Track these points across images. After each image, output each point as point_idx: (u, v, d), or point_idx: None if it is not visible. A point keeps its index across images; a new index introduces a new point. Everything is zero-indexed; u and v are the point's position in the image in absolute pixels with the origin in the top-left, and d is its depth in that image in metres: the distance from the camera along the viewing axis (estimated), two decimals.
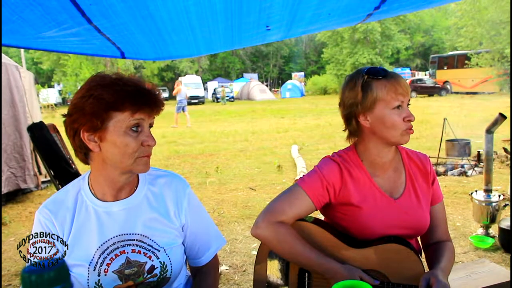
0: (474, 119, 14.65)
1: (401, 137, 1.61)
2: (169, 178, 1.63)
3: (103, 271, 1.46)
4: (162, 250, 1.51)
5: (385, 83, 1.59)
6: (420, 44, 55.23)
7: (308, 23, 2.99)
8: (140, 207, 1.53)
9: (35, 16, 2.24)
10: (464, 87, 33.14)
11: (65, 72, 37.23)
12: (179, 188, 1.62)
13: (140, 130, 1.41)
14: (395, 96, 1.58)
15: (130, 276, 1.48)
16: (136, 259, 1.48)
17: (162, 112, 1.47)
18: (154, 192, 1.57)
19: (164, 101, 1.46)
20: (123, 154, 1.39)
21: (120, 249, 1.48)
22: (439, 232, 1.81)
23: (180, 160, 10.04)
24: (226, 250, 4.39)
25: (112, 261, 1.47)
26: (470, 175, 7.31)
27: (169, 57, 3.88)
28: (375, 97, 1.59)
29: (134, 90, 1.38)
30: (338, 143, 10.72)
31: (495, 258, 3.92)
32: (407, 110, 1.61)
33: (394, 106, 1.58)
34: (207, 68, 56.45)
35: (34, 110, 7.26)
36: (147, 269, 1.49)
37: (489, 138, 4.53)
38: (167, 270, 1.52)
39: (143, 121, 1.41)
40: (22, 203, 6.63)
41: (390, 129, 1.60)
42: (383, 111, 1.59)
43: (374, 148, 1.68)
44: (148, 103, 1.40)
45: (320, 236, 1.67)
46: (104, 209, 1.49)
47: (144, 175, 1.59)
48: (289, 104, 30.54)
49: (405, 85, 1.60)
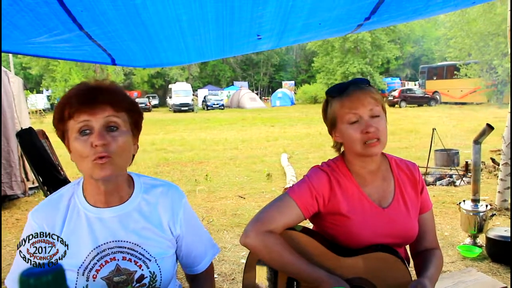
0: (462, 130, 14.80)
1: (364, 150, 1.61)
2: (165, 188, 1.60)
3: (91, 277, 1.44)
4: (153, 260, 1.49)
5: (338, 100, 1.64)
6: (410, 54, 55.69)
7: (299, 32, 3.01)
8: (133, 215, 1.50)
9: (25, 22, 2.23)
10: (453, 98, 33.46)
11: (54, 78, 37.01)
12: (175, 199, 1.60)
13: (90, 132, 1.35)
14: (348, 111, 1.61)
15: (118, 284, 1.46)
16: (126, 267, 1.46)
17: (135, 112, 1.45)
18: (148, 201, 1.54)
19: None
20: (79, 160, 1.37)
21: (111, 256, 1.46)
22: (428, 240, 1.82)
23: (169, 167, 10.01)
24: (215, 259, 4.35)
25: (101, 267, 1.45)
26: (458, 185, 7.37)
27: (160, 65, 3.89)
28: (333, 115, 1.67)
29: (74, 93, 1.37)
30: (328, 152, 10.75)
31: (482, 268, 3.94)
32: (367, 122, 1.59)
33: (350, 122, 1.61)
34: (197, 76, 56.40)
35: (23, 116, 7.21)
36: (136, 278, 1.47)
37: (477, 148, 4.58)
38: (157, 280, 1.50)
39: (90, 122, 1.35)
40: (9, 209, 6.56)
41: (351, 143, 1.63)
42: (341, 127, 1.65)
43: (354, 161, 1.70)
44: (87, 103, 1.34)
45: (308, 245, 1.67)
46: (96, 215, 1.47)
47: (140, 183, 1.57)
48: (279, 112, 30.62)
49: (360, 100, 1.60)
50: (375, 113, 1.61)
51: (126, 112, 1.43)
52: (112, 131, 1.37)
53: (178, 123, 24.25)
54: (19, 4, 1.95)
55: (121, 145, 1.38)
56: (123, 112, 1.41)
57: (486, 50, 28.53)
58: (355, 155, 1.68)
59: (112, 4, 2.04)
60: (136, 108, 1.49)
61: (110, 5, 2.06)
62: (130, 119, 1.44)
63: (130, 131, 1.44)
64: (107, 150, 1.34)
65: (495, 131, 4.53)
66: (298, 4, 2.33)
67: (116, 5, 2.06)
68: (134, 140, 1.48)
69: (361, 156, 1.66)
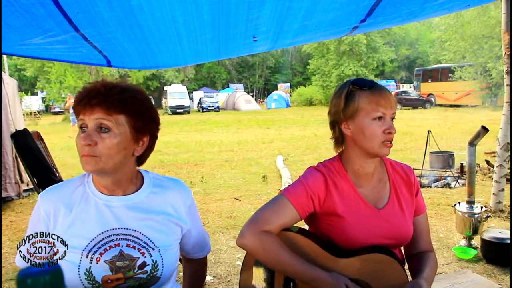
0: (457, 132, 14.86)
1: (379, 149, 1.62)
2: (174, 182, 1.69)
3: (95, 260, 1.47)
4: (156, 250, 1.53)
5: (368, 93, 1.62)
6: (405, 56, 55.89)
7: (295, 34, 3.02)
8: (140, 206, 1.56)
9: (21, 23, 2.23)
10: (448, 100, 33.55)
11: (49, 80, 36.81)
12: (184, 193, 1.68)
13: (86, 129, 1.44)
14: (376, 107, 1.60)
15: (121, 269, 1.49)
16: (129, 253, 1.50)
17: None
18: (156, 194, 1.61)
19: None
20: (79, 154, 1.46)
21: (116, 242, 1.50)
22: (422, 242, 1.83)
23: (164, 169, 9.99)
24: (210, 260, 4.36)
25: (105, 252, 1.48)
26: (453, 187, 7.39)
27: (155, 67, 3.89)
28: (357, 106, 1.62)
29: (80, 91, 1.46)
30: (323, 154, 10.77)
31: (478, 269, 3.95)
32: (389, 123, 1.62)
33: (374, 117, 1.60)
34: (192, 78, 56.33)
35: (17, 118, 7.18)
36: (138, 265, 1.50)
37: (471, 150, 4.60)
38: (158, 270, 1.53)
39: (85, 121, 1.44)
40: (3, 211, 6.50)
41: (369, 139, 1.62)
42: (363, 121, 1.62)
43: (356, 159, 1.70)
44: (82, 102, 1.43)
45: (304, 245, 1.67)
46: (104, 202, 1.53)
47: (149, 177, 1.64)
48: (274, 114, 30.61)
49: (389, 99, 1.62)
50: (394, 115, 1.65)
51: (126, 115, 1.46)
52: (104, 132, 1.43)
53: (173, 125, 24.20)
54: (14, 5, 1.95)
55: (108, 147, 1.43)
56: (121, 114, 1.45)
57: (480, 53, 28.64)
58: (362, 153, 1.68)
59: (108, 5, 2.04)
60: (145, 113, 1.53)
61: (106, 7, 2.06)
62: (132, 122, 1.48)
63: (128, 133, 1.47)
64: (92, 149, 1.42)
65: (489, 133, 4.56)
66: (295, 6, 2.33)
67: (112, 6, 2.06)
68: (135, 142, 1.52)
69: (370, 154, 1.66)
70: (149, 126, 1.55)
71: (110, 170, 1.47)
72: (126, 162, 1.51)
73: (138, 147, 1.53)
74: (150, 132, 1.57)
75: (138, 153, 1.54)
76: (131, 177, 1.58)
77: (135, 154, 1.53)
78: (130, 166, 1.55)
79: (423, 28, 55.03)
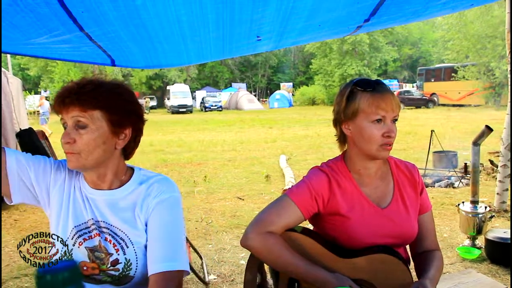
0: (460, 131, 14.83)
1: (377, 152, 1.62)
2: (158, 178, 1.60)
3: (77, 243, 1.51)
4: (131, 247, 1.51)
5: (369, 95, 1.60)
6: (407, 56, 55.77)
7: (298, 34, 3.01)
8: (121, 202, 1.55)
9: (26, 23, 2.23)
10: (451, 100, 33.48)
11: (53, 79, 36.97)
12: (159, 190, 1.55)
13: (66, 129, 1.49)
14: (376, 110, 1.58)
15: (96, 260, 1.51)
16: (105, 247, 1.51)
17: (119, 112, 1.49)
18: (141, 191, 1.57)
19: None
20: None
21: (97, 231, 1.52)
22: (428, 241, 1.82)
23: (167, 168, 10.01)
24: (214, 260, 4.37)
25: (89, 239, 1.52)
26: (457, 187, 7.37)
27: (159, 66, 3.89)
28: (357, 108, 1.61)
29: (56, 94, 1.49)
30: (326, 154, 10.76)
31: (482, 269, 3.95)
32: (389, 126, 1.61)
33: (373, 120, 1.59)
34: (195, 77, 56.37)
35: (21, 117, 7.20)
36: (111, 261, 1.51)
37: (475, 150, 4.59)
38: (131, 269, 1.51)
39: (65, 120, 1.48)
40: (7, 210, 6.53)
41: (367, 141, 1.62)
42: (362, 122, 1.61)
43: (357, 159, 1.70)
44: (57, 102, 1.47)
45: (308, 246, 1.67)
46: (89, 195, 1.56)
47: (139, 174, 1.62)
48: (277, 114, 30.61)
49: (391, 101, 1.60)
50: (396, 118, 1.63)
51: (101, 110, 1.46)
52: (82, 129, 1.46)
53: (176, 125, 24.24)
54: (19, 4, 1.95)
55: (86, 143, 1.45)
56: (96, 110, 1.46)
57: (483, 52, 28.57)
58: (362, 155, 1.68)
59: (113, 5, 2.04)
60: (122, 106, 1.51)
61: (111, 6, 2.06)
62: (109, 116, 1.48)
63: (105, 128, 1.48)
64: (72, 147, 1.45)
65: (493, 133, 4.55)
66: (299, 5, 2.33)
67: (117, 6, 2.06)
68: (115, 136, 1.51)
69: (369, 157, 1.66)
70: (129, 119, 1.53)
71: (92, 165, 1.49)
72: (109, 156, 1.51)
73: (119, 140, 1.52)
74: (132, 125, 1.55)
75: (120, 146, 1.53)
76: (117, 172, 1.57)
77: (117, 147, 1.53)
78: (114, 160, 1.55)
79: (426, 28, 54.90)
